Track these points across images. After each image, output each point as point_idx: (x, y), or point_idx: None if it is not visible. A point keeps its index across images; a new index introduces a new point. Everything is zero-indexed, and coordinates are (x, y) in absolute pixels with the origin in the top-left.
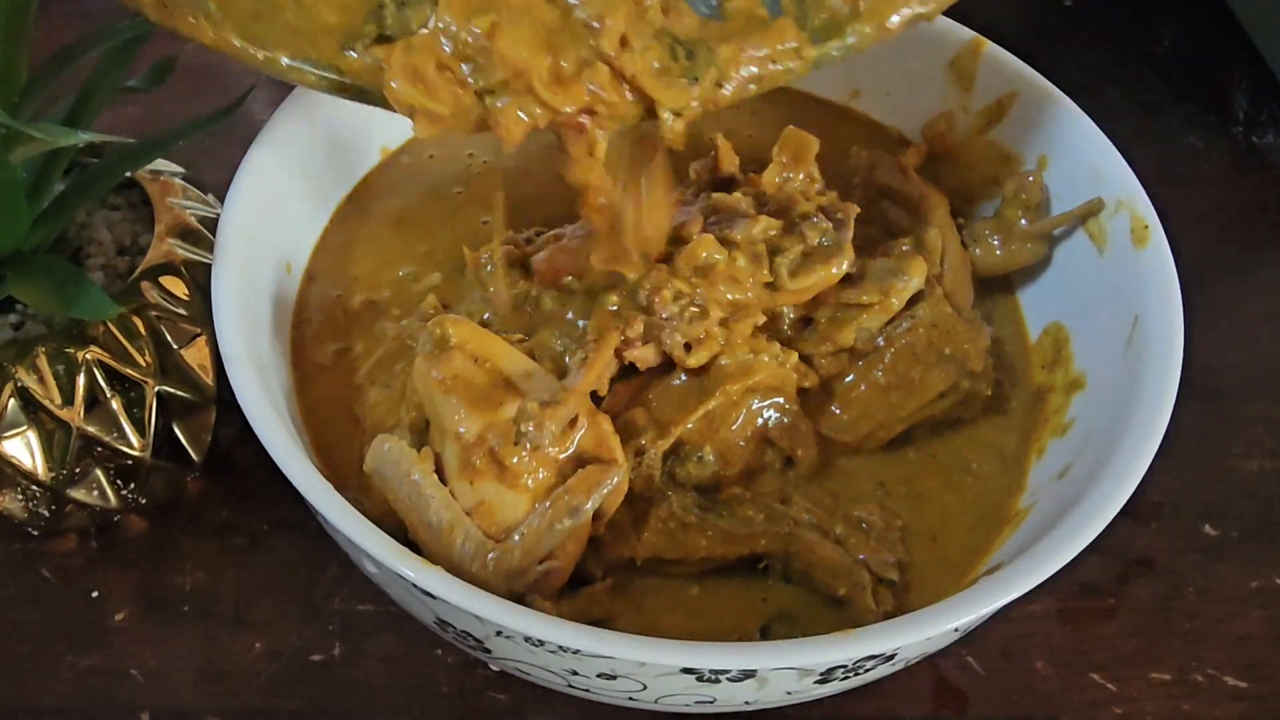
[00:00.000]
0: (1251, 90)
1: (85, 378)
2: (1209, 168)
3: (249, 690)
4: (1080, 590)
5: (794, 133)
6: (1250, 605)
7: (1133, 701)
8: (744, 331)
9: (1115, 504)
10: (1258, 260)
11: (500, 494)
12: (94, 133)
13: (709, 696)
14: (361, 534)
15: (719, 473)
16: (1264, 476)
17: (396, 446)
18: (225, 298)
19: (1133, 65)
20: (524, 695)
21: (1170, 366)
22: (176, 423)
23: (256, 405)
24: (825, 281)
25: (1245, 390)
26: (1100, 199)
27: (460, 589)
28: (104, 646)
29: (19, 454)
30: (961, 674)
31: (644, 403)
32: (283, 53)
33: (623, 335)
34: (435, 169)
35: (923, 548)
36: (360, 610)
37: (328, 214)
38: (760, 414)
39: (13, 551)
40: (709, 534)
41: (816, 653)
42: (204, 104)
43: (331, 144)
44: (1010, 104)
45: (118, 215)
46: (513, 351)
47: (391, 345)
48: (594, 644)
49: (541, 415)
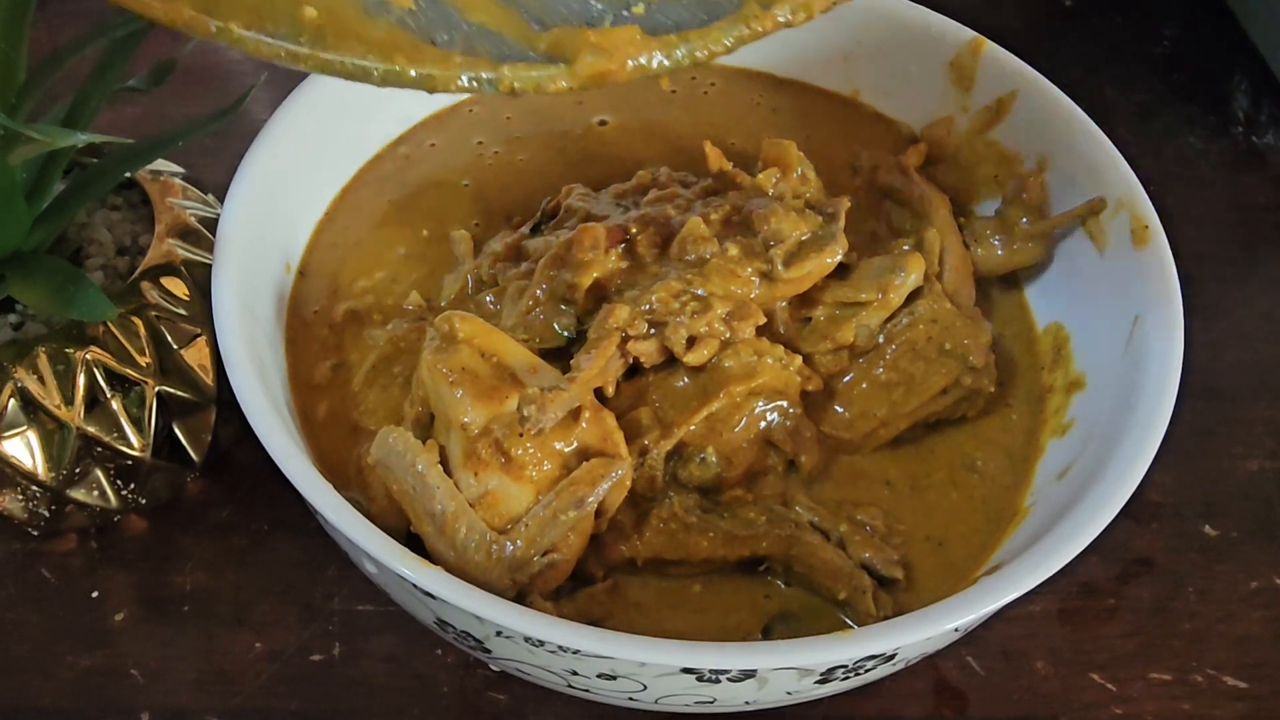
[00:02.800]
0: (1251, 90)
1: (85, 378)
2: (1209, 168)
3: (249, 690)
4: (1080, 590)
5: (772, 144)
6: (1250, 605)
7: (1132, 702)
8: (746, 331)
9: (1115, 504)
10: (1258, 260)
11: (504, 485)
12: (93, 133)
13: (709, 696)
14: (361, 534)
15: (721, 474)
16: (1264, 476)
17: (401, 437)
18: (225, 298)
19: (1133, 65)
20: (524, 695)
21: (1170, 366)
22: (176, 423)
23: (256, 405)
24: (820, 270)
25: (1245, 390)
26: (1100, 199)
27: (460, 589)
28: (104, 646)
29: (19, 454)
30: (961, 674)
31: (648, 402)
32: (236, 23)
33: (624, 331)
34: (438, 159)
35: (927, 547)
36: (360, 610)
37: (328, 213)
38: (764, 417)
39: (13, 551)
40: (710, 535)
41: (816, 653)
42: (204, 104)
43: (332, 143)
44: (1010, 104)
45: (118, 215)
46: (519, 347)
47: (386, 349)
48: (594, 644)
49: (544, 399)
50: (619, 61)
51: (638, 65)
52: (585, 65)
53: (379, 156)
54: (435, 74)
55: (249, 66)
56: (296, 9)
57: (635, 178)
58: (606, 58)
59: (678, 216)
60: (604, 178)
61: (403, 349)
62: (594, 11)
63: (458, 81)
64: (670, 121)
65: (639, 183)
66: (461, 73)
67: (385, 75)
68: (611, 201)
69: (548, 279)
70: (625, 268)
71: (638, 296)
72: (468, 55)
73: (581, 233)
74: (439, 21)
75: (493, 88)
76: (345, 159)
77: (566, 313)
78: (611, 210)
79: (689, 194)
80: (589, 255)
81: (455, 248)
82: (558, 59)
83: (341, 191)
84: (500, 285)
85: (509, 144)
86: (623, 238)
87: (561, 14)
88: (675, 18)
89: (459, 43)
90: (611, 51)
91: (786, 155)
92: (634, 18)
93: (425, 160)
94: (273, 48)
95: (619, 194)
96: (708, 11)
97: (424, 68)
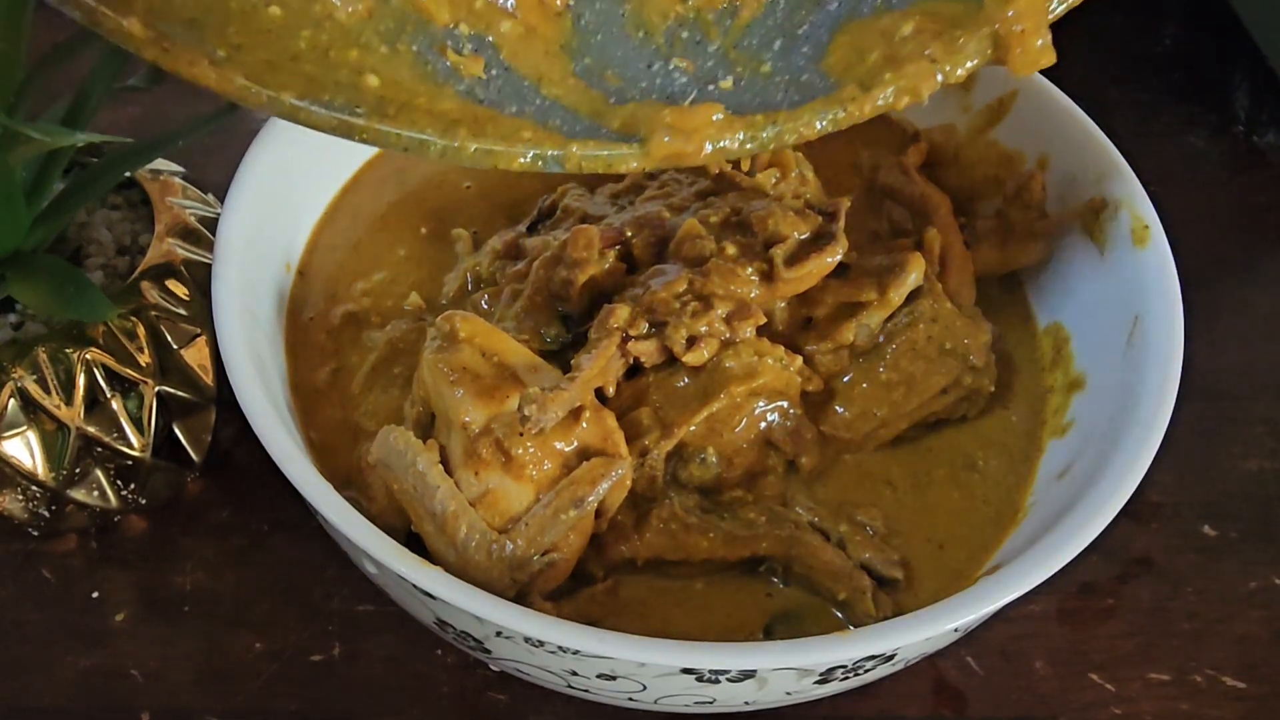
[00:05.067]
0: (1251, 90)
1: (85, 378)
2: (1209, 168)
3: (249, 690)
4: (1080, 590)
5: None
6: (1249, 605)
7: (1131, 702)
8: (747, 331)
9: (1115, 504)
10: (1258, 260)
11: (505, 484)
12: (93, 133)
13: (709, 697)
14: (361, 534)
15: (721, 475)
16: (1264, 476)
17: (402, 436)
18: (225, 298)
19: (1133, 65)
20: (524, 695)
21: (1170, 366)
22: (176, 423)
23: (256, 405)
24: (820, 270)
25: (1245, 390)
26: (1100, 199)
27: (460, 589)
28: (104, 646)
29: (19, 454)
30: (961, 674)
31: (649, 402)
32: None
33: (625, 331)
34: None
35: (926, 547)
36: (360, 610)
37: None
38: (764, 417)
39: (13, 551)
40: (710, 536)
41: (816, 653)
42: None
43: (332, 143)
44: (1010, 104)
45: (118, 215)
46: (520, 347)
47: (385, 350)
48: (594, 644)
49: (545, 399)
50: (696, 144)
51: (717, 149)
52: (659, 146)
53: (379, 156)
54: (497, 150)
55: None
56: (358, 78)
57: (629, 177)
58: (683, 139)
59: (673, 219)
60: (605, 178)
61: (402, 350)
62: (677, 85)
63: (520, 160)
64: None
65: (633, 182)
66: (527, 150)
67: (443, 151)
68: (607, 200)
69: (543, 280)
70: (623, 270)
71: (638, 296)
72: (538, 129)
73: (576, 234)
74: (510, 94)
75: (559, 166)
76: (345, 159)
77: (556, 322)
78: (607, 209)
79: (685, 194)
80: (583, 254)
81: (455, 246)
82: (631, 137)
83: (341, 192)
84: (498, 285)
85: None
86: (617, 240)
87: (642, 88)
88: (764, 97)
89: (530, 116)
90: (689, 133)
91: (783, 156)
92: (720, 93)
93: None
94: (327, 119)
95: (614, 193)
96: (800, 92)
97: (485, 143)
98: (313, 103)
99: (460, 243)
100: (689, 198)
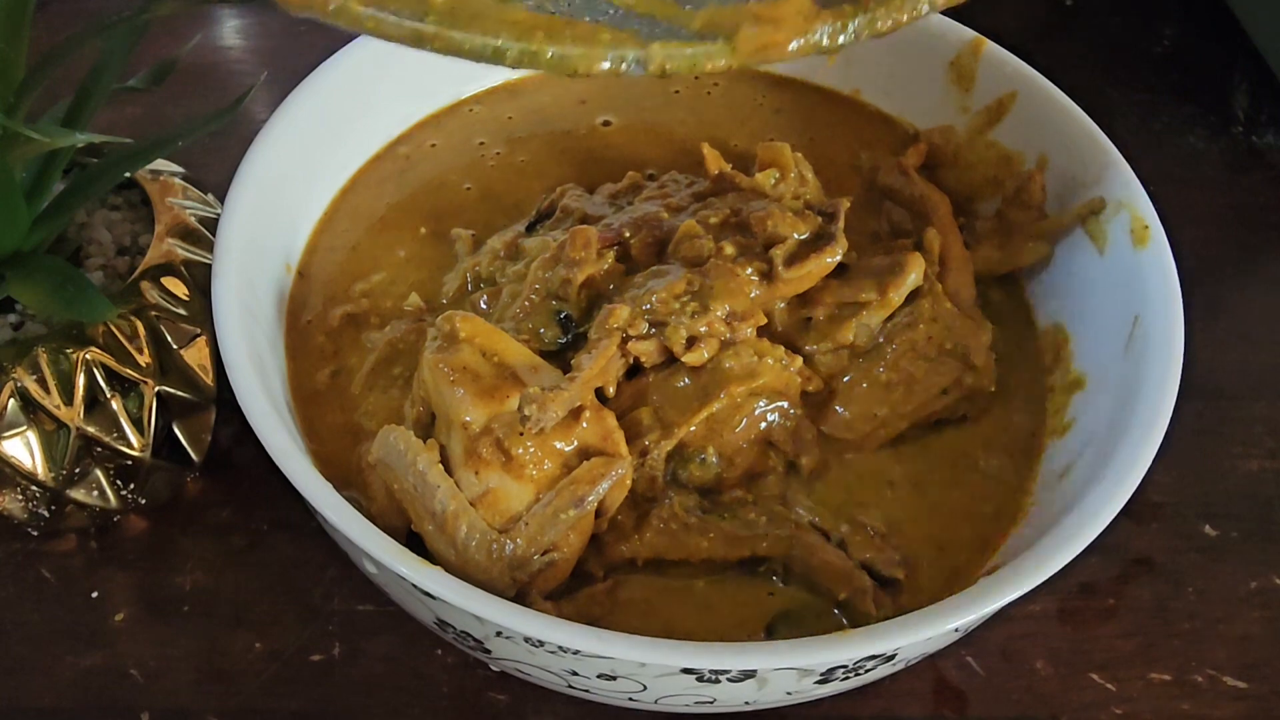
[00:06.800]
0: (1251, 90)
1: (85, 378)
2: (1209, 168)
3: (249, 690)
4: (1080, 590)
5: (766, 146)
6: (1250, 605)
7: (1132, 701)
8: (747, 331)
9: (1115, 504)
10: (1258, 260)
11: (505, 484)
12: (93, 133)
13: (709, 697)
14: (361, 534)
15: (721, 474)
16: (1264, 476)
17: (403, 436)
18: (225, 298)
19: (1133, 65)
20: (524, 695)
21: (1170, 366)
22: (176, 423)
23: (256, 405)
24: (820, 270)
25: (1245, 390)
26: (1100, 199)
27: (460, 589)
28: (104, 646)
29: (19, 454)
30: (961, 674)
31: (649, 402)
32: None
33: (625, 331)
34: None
35: (927, 547)
36: (360, 610)
37: (327, 214)
38: (764, 417)
39: (13, 551)
40: (710, 536)
41: (816, 653)
42: (204, 104)
43: (332, 143)
44: (1010, 104)
45: (117, 215)
46: (520, 347)
47: (385, 350)
48: (594, 644)
49: (545, 398)
50: (786, 33)
51: (808, 41)
52: (747, 40)
53: (379, 157)
54: (575, 53)
55: (249, 66)
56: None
57: (627, 177)
58: (772, 28)
59: (670, 220)
60: (607, 179)
61: (402, 350)
62: None
63: (600, 64)
64: (673, 122)
65: (631, 182)
66: (607, 52)
67: (520, 56)
68: (605, 201)
69: (542, 280)
70: (622, 271)
71: (638, 296)
72: (617, 31)
73: (575, 234)
74: (581, 6)
75: (641, 68)
76: (345, 159)
77: (556, 322)
78: (606, 210)
79: (683, 195)
80: (581, 254)
81: (455, 246)
82: (714, 35)
83: (341, 192)
84: (498, 285)
85: (510, 144)
86: (616, 240)
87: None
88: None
89: (606, 23)
90: (778, 22)
91: (781, 157)
92: None
93: (426, 160)
94: (397, 27)
95: (613, 194)
96: None
97: (563, 47)
98: (380, 10)
99: (460, 243)
100: (687, 198)
